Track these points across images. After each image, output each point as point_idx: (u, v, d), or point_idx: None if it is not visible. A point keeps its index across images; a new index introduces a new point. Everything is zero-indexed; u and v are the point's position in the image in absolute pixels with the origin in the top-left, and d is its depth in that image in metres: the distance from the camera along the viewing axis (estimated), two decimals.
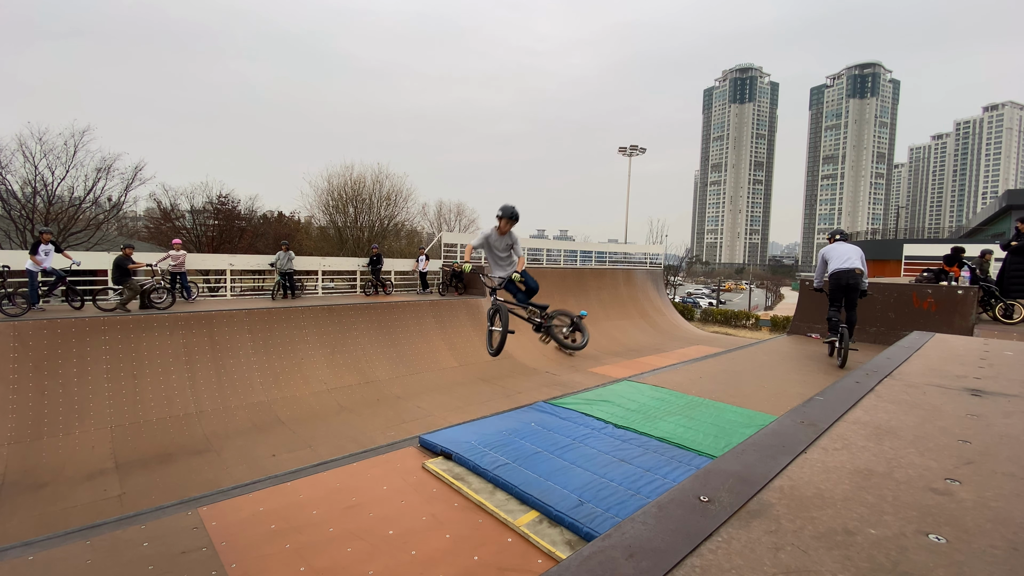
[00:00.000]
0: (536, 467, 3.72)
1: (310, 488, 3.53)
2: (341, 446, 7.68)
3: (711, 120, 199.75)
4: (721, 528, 1.21)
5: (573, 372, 13.29)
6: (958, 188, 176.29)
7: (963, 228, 47.43)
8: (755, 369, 7.23)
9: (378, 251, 15.85)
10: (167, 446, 7.68)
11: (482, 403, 10.22)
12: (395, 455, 4.14)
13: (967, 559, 1.08)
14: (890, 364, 3.22)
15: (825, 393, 2.52)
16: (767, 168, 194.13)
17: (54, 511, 5.81)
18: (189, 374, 9.31)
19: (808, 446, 1.78)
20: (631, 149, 35.31)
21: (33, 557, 2.67)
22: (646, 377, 6.65)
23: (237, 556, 2.74)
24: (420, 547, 2.82)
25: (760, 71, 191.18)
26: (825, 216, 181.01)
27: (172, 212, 26.03)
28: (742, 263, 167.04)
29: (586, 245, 26.69)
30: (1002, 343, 4.19)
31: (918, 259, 17.36)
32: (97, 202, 21.61)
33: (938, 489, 1.45)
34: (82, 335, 8.73)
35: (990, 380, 2.84)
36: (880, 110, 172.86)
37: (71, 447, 7.31)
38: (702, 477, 1.51)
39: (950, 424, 2.05)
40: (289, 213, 33.89)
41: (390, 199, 29.86)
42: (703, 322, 31.01)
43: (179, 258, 12.03)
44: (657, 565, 1.05)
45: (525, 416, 5.04)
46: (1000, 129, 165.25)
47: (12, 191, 19.44)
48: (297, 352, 10.85)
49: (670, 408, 5.16)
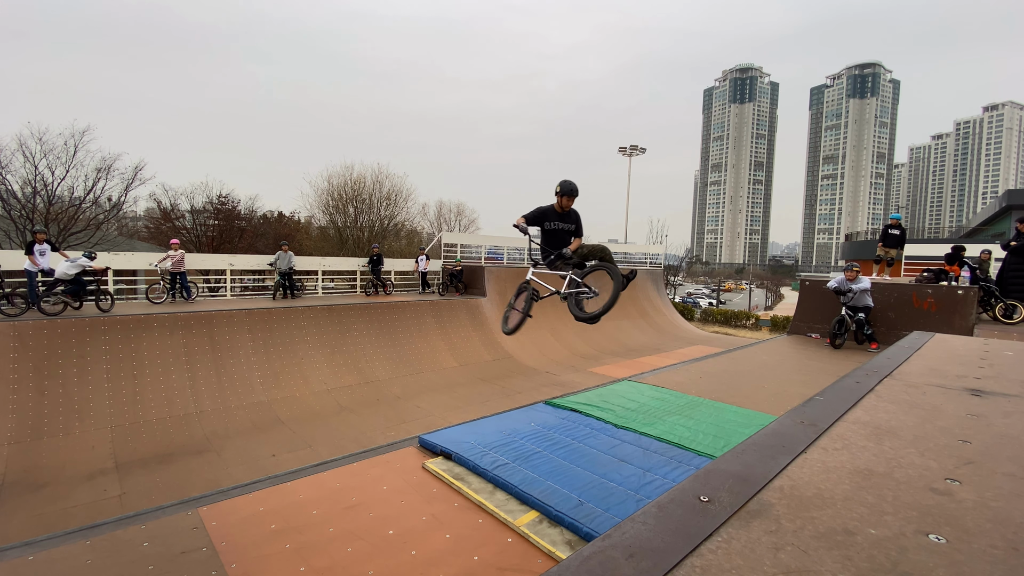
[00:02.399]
0: (536, 467, 3.72)
1: (310, 488, 3.53)
2: (341, 446, 7.68)
3: (711, 120, 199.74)
4: (721, 528, 1.21)
5: (573, 372, 13.29)
6: (958, 188, 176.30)
7: (963, 228, 47.42)
8: (755, 369, 7.23)
9: (379, 251, 15.85)
10: (167, 446, 7.68)
11: (482, 403, 10.22)
12: (395, 455, 4.14)
13: (967, 559, 1.08)
14: (890, 364, 3.22)
15: (825, 393, 2.52)
16: (767, 168, 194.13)
17: (54, 511, 5.80)
18: (189, 374, 9.31)
19: (808, 446, 1.78)
20: (631, 149, 35.31)
21: (33, 557, 2.67)
22: (646, 377, 6.65)
23: (237, 556, 2.74)
24: (420, 547, 2.82)
25: (760, 71, 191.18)
26: (825, 216, 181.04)
27: (172, 212, 26.03)
28: (742, 263, 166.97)
29: None
30: (1002, 343, 4.19)
31: (918, 259, 17.34)
32: (97, 202, 21.61)
33: (938, 489, 1.45)
34: (82, 335, 8.73)
35: (990, 380, 2.83)
36: (880, 110, 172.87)
37: (71, 447, 7.31)
38: (702, 477, 1.51)
39: (950, 424, 2.05)
40: (289, 213, 33.90)
41: (390, 199, 29.87)
42: (703, 322, 31.00)
43: (177, 258, 12.02)
44: (657, 565, 1.05)
45: (525, 416, 5.04)
46: (1000, 129, 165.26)
47: (12, 191, 19.43)
48: (297, 352, 10.85)
49: (670, 408, 5.16)
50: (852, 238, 43.05)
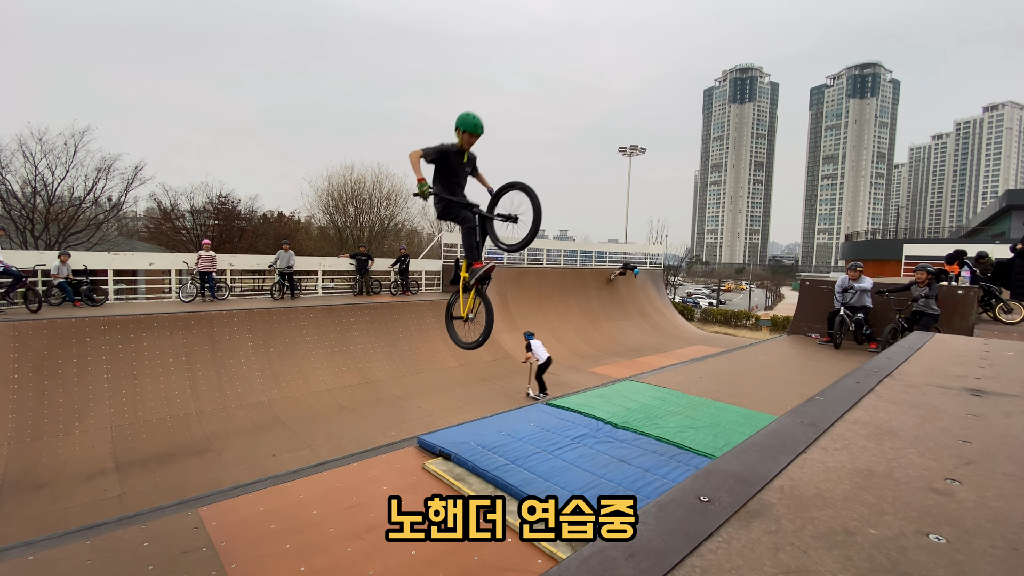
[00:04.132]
0: (536, 467, 3.72)
1: (310, 488, 3.53)
2: (341, 446, 7.68)
3: (711, 120, 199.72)
4: (721, 528, 1.21)
5: (573, 372, 13.29)
6: (958, 188, 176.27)
7: (963, 228, 47.44)
8: (755, 369, 7.23)
9: (405, 251, 15.80)
10: (167, 446, 7.68)
11: (482, 403, 10.22)
12: (395, 455, 4.13)
13: (967, 559, 1.08)
14: (890, 364, 3.22)
15: (825, 393, 2.52)
16: (767, 168, 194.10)
17: (54, 511, 5.80)
18: (189, 374, 9.31)
19: (808, 446, 1.78)
20: (631, 149, 35.31)
21: (33, 557, 2.67)
22: (646, 377, 6.65)
23: (237, 556, 2.74)
24: (420, 547, 2.82)
25: (760, 71, 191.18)
26: (825, 216, 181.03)
27: (172, 212, 26.03)
28: (742, 263, 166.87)
29: (586, 245, 26.68)
30: (1002, 343, 4.19)
31: (918, 259, 17.36)
32: (97, 202, 21.62)
33: (938, 489, 1.45)
34: (82, 335, 8.73)
35: (990, 380, 2.83)
36: (880, 110, 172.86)
37: (71, 447, 7.31)
38: (702, 477, 1.51)
39: (950, 424, 2.05)
40: (289, 213, 33.90)
41: (390, 199, 29.88)
42: (703, 322, 31.00)
43: (208, 258, 12.22)
44: (657, 565, 1.05)
45: (525, 416, 5.04)
46: (1000, 129, 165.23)
47: (12, 191, 19.44)
48: (297, 352, 10.85)
49: (670, 408, 5.16)
50: (852, 238, 43.05)
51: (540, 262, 22.28)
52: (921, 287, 7.64)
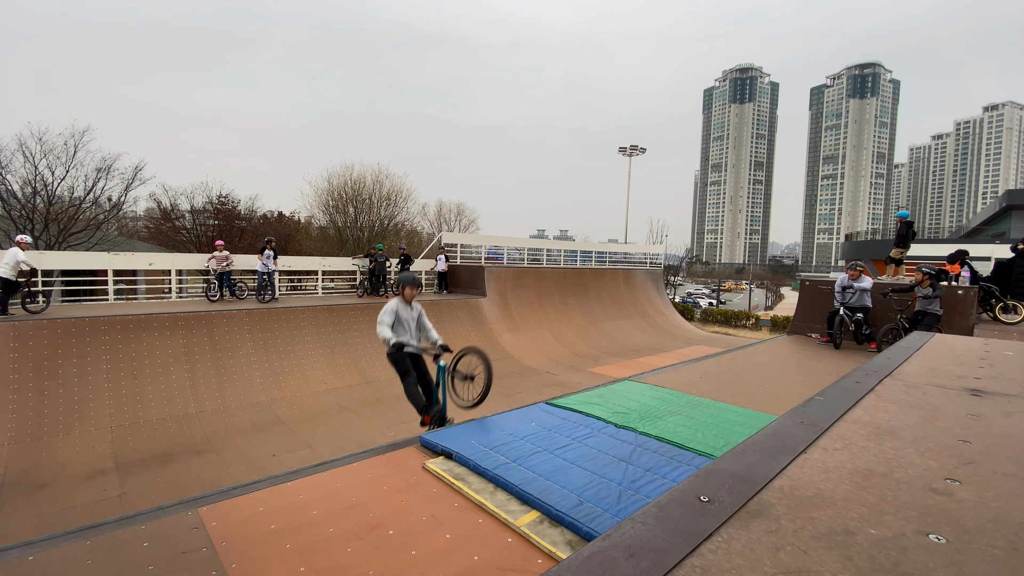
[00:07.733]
0: (536, 467, 3.72)
1: (310, 488, 3.53)
2: (341, 446, 7.68)
3: (711, 120, 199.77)
4: (721, 528, 1.21)
5: (573, 372, 13.29)
6: (958, 188, 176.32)
7: (963, 228, 47.45)
8: (755, 369, 7.23)
9: (405, 251, 15.75)
10: (167, 446, 7.68)
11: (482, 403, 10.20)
12: (395, 455, 4.13)
13: (967, 559, 1.08)
14: (890, 364, 3.22)
15: (825, 393, 2.52)
16: (767, 168, 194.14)
17: (54, 511, 5.80)
18: (189, 374, 9.31)
19: (808, 446, 1.78)
20: (631, 149, 35.31)
21: (33, 557, 2.67)
22: (646, 377, 6.65)
23: (237, 556, 2.74)
24: (420, 547, 2.82)
25: (760, 71, 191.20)
26: (825, 216, 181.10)
27: (172, 212, 26.03)
28: (742, 263, 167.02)
29: (586, 245, 26.70)
30: (1002, 343, 4.19)
31: (918, 259, 17.35)
32: (97, 202, 21.61)
33: (938, 489, 1.45)
34: (82, 335, 8.73)
35: (990, 380, 2.83)
36: (880, 110, 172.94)
37: (71, 447, 7.31)
38: (702, 477, 1.51)
39: (950, 424, 2.05)
40: (289, 213, 33.91)
41: (390, 199, 29.88)
42: (703, 322, 30.99)
43: (221, 258, 12.35)
44: (657, 565, 1.05)
45: (525, 416, 5.04)
46: (1000, 129, 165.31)
47: (12, 191, 19.43)
48: (297, 352, 10.85)
49: (670, 408, 5.16)
50: (852, 238, 43.05)
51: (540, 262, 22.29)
52: (924, 288, 7.63)
